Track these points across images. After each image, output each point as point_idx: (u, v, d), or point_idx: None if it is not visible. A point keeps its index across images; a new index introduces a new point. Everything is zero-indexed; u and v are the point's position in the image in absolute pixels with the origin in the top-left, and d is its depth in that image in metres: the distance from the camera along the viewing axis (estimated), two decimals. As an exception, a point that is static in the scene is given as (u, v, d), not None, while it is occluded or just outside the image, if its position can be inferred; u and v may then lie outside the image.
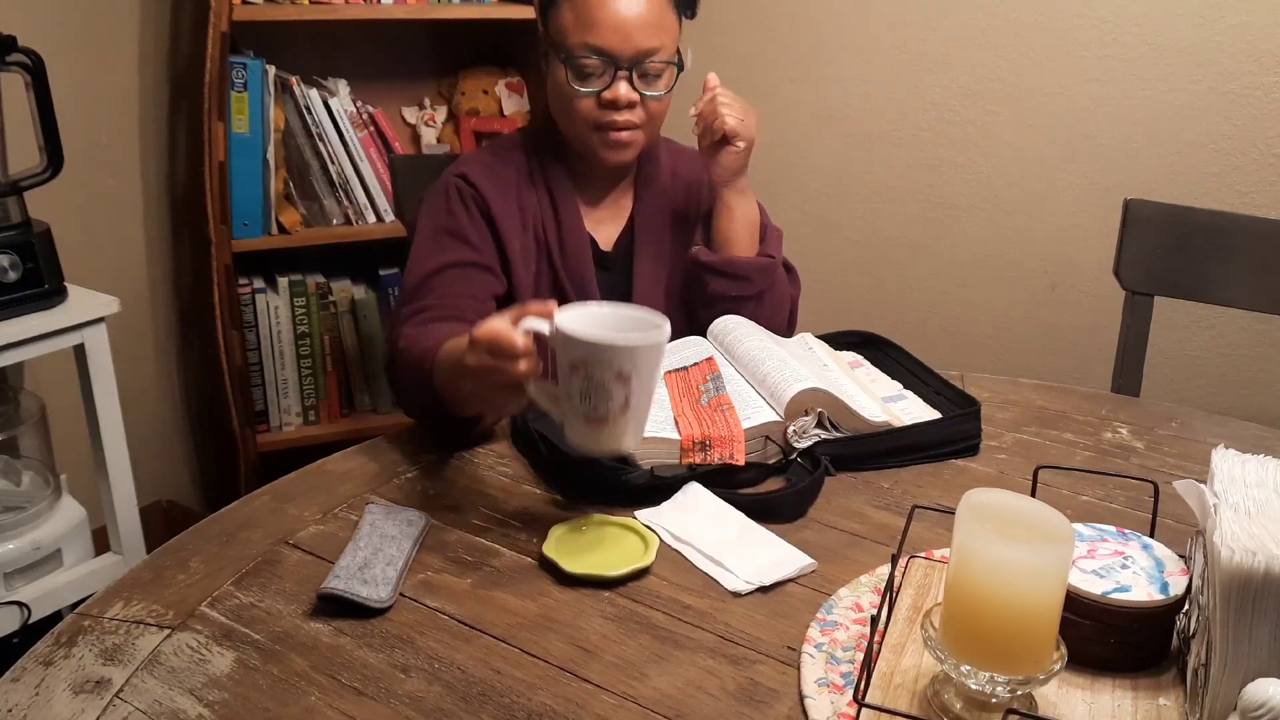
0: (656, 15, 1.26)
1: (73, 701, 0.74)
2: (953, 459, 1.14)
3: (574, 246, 1.34)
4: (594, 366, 0.86)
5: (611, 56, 1.25)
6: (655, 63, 1.27)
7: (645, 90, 1.28)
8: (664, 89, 1.30)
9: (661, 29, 1.27)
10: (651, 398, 0.91)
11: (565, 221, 1.35)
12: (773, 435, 1.09)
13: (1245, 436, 1.22)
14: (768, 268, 1.35)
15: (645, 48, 1.26)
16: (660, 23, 1.27)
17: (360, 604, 0.84)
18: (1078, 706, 0.74)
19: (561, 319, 0.89)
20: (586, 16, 1.25)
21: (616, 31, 1.24)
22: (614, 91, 1.26)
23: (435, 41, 2.34)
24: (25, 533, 1.68)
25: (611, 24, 1.24)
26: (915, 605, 0.85)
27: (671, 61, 1.29)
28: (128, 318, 1.90)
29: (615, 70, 1.26)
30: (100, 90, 2.04)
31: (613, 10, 1.24)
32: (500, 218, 1.31)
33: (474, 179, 1.32)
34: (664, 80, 1.30)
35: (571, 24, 1.26)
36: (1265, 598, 0.66)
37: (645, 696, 0.76)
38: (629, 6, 1.25)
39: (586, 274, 1.34)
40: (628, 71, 1.26)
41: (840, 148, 2.17)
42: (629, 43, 1.25)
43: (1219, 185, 1.79)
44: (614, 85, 1.26)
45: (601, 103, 1.27)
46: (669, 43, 1.28)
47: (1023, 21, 1.91)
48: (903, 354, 1.32)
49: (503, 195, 1.33)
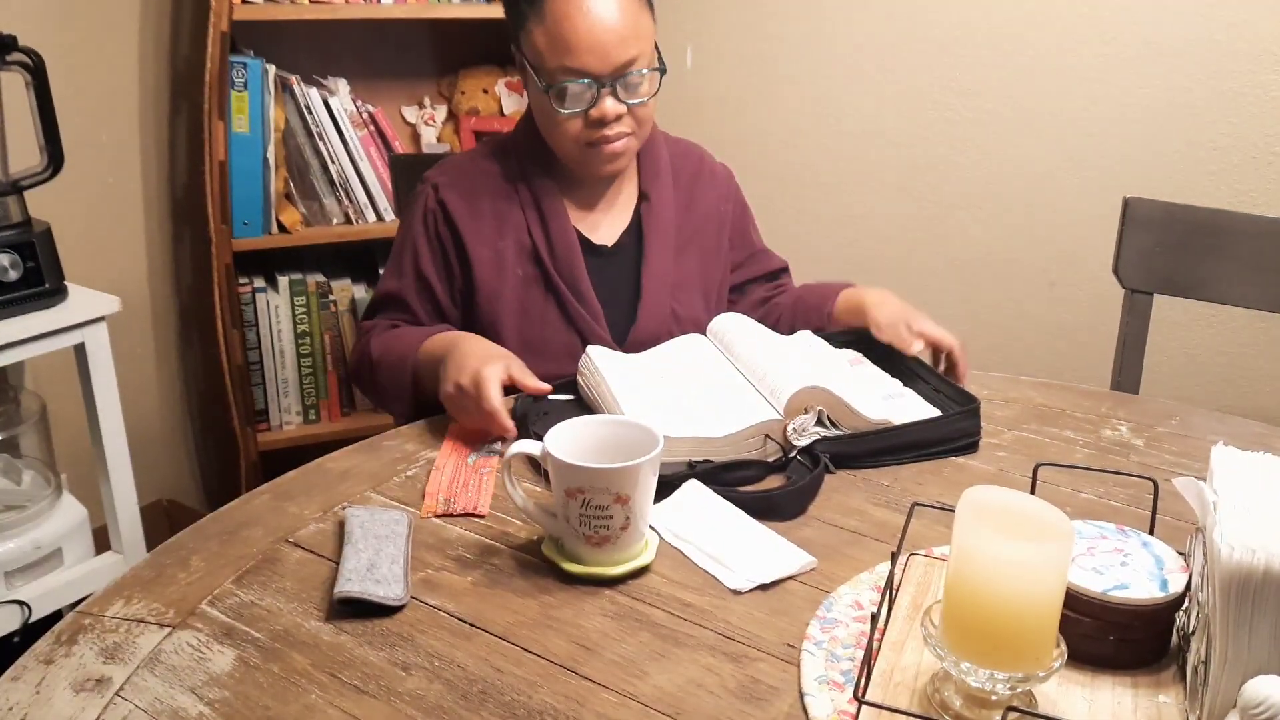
0: (630, 25, 1.22)
1: (73, 700, 0.74)
2: (952, 456, 1.14)
3: (563, 247, 1.33)
4: (594, 493, 0.87)
5: (593, 77, 1.22)
6: (637, 73, 1.24)
7: (631, 100, 1.25)
8: (649, 94, 1.27)
9: (638, 36, 1.23)
10: (650, 505, 0.91)
11: (551, 222, 1.33)
12: (772, 433, 1.09)
13: (1245, 434, 1.22)
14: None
15: (625, 60, 1.22)
16: (635, 31, 1.23)
17: (379, 604, 0.84)
18: (1078, 704, 0.74)
19: (553, 445, 0.90)
20: (561, 40, 1.21)
21: (593, 51, 1.21)
22: (600, 109, 1.24)
23: (435, 41, 2.34)
24: (26, 532, 1.68)
25: (587, 45, 1.20)
26: (915, 603, 0.85)
27: (653, 68, 1.27)
28: (128, 317, 1.90)
29: (598, 89, 1.23)
30: (100, 90, 2.04)
31: (586, 31, 1.20)
32: (468, 234, 1.31)
33: (444, 193, 1.33)
34: (647, 86, 1.27)
35: (546, 47, 1.22)
36: (1265, 595, 0.66)
37: (645, 694, 0.76)
38: (602, 23, 1.20)
39: (577, 272, 1.33)
40: (611, 87, 1.23)
41: (840, 147, 2.17)
42: (608, 60, 1.21)
43: (1218, 184, 1.79)
44: (599, 103, 1.24)
45: (589, 121, 1.25)
46: (647, 48, 1.25)
47: (1023, 21, 1.91)
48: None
49: (473, 207, 1.32)
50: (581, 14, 1.20)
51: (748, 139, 2.24)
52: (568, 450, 0.89)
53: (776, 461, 1.09)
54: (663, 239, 1.38)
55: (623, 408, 1.10)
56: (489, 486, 1.05)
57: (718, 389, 1.18)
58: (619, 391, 1.13)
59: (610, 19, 1.21)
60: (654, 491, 0.91)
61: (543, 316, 1.32)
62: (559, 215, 1.34)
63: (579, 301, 1.32)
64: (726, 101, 2.25)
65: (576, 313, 1.32)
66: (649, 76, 1.26)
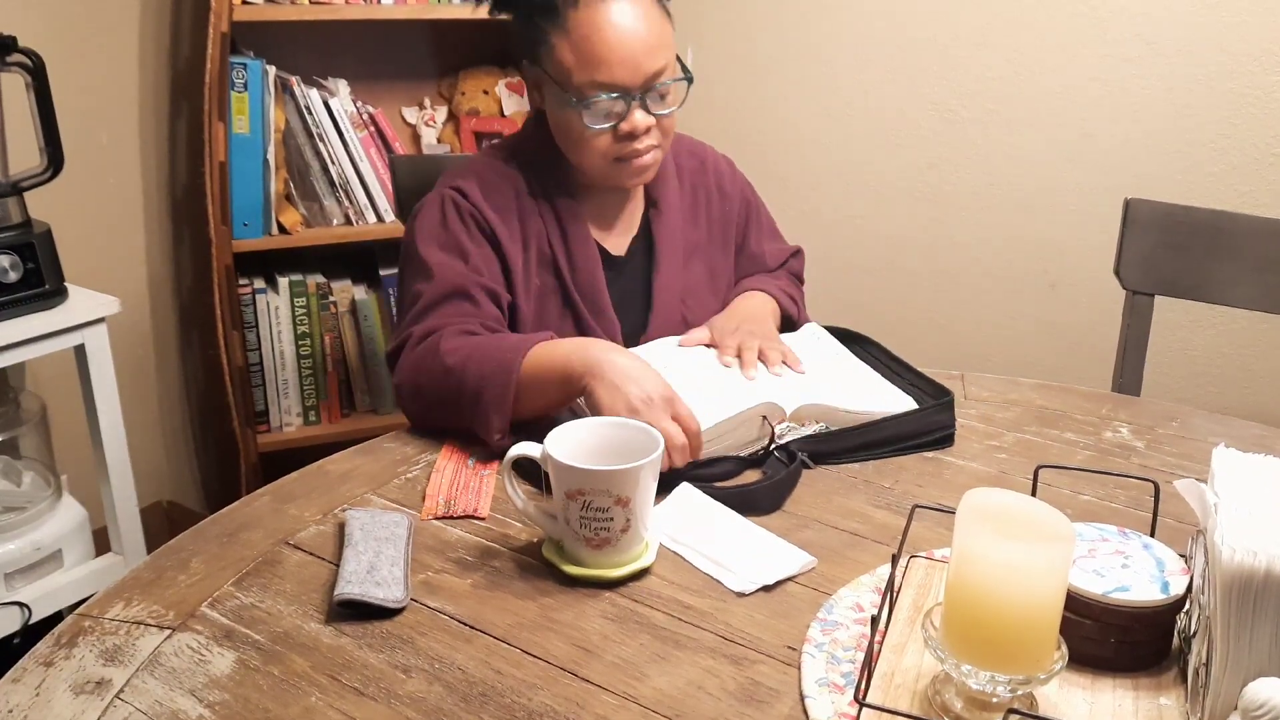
0: (657, 34, 1.20)
1: (73, 702, 0.74)
2: (928, 450, 1.15)
3: (583, 260, 1.30)
4: (594, 495, 0.87)
5: (623, 90, 1.19)
6: (665, 84, 1.22)
7: (659, 111, 1.23)
8: (675, 104, 1.25)
9: (664, 46, 1.21)
10: (651, 508, 0.91)
11: (571, 233, 1.30)
12: (770, 415, 1.10)
13: (1246, 436, 1.22)
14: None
15: (654, 71, 1.20)
16: (661, 40, 1.21)
17: (379, 606, 0.84)
18: (1079, 706, 0.74)
19: (554, 446, 0.90)
20: (590, 54, 1.18)
21: (624, 65, 1.18)
22: (631, 123, 1.21)
23: (435, 41, 2.34)
24: (26, 533, 1.68)
25: (618, 58, 1.18)
26: (916, 605, 0.85)
27: (681, 78, 1.24)
28: (128, 318, 1.91)
29: (628, 101, 1.20)
30: (101, 91, 2.04)
31: (616, 43, 1.17)
32: (500, 232, 1.27)
33: (470, 194, 1.27)
34: (674, 95, 1.24)
35: (574, 63, 1.19)
36: (1266, 597, 0.66)
37: (645, 696, 0.76)
38: (632, 35, 1.18)
39: (597, 284, 1.30)
40: (640, 99, 1.21)
41: (840, 147, 2.17)
42: (639, 72, 1.19)
43: (1219, 185, 1.79)
44: (629, 116, 1.21)
45: (618, 135, 1.22)
46: (672, 57, 1.23)
47: (1023, 21, 1.91)
48: (879, 348, 1.33)
49: (501, 212, 1.28)
50: (611, 26, 1.17)
51: (747, 139, 2.24)
52: (568, 452, 0.89)
53: (751, 456, 1.10)
54: (672, 247, 1.36)
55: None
56: (489, 489, 1.05)
57: (712, 376, 1.18)
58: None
59: (638, 30, 1.18)
60: (654, 493, 0.91)
61: (559, 329, 1.28)
62: (580, 228, 1.30)
63: (596, 317, 1.30)
64: (727, 102, 2.25)
65: (593, 328, 1.29)
66: (676, 86, 1.24)
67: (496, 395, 1.09)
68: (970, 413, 1.25)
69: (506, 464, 0.93)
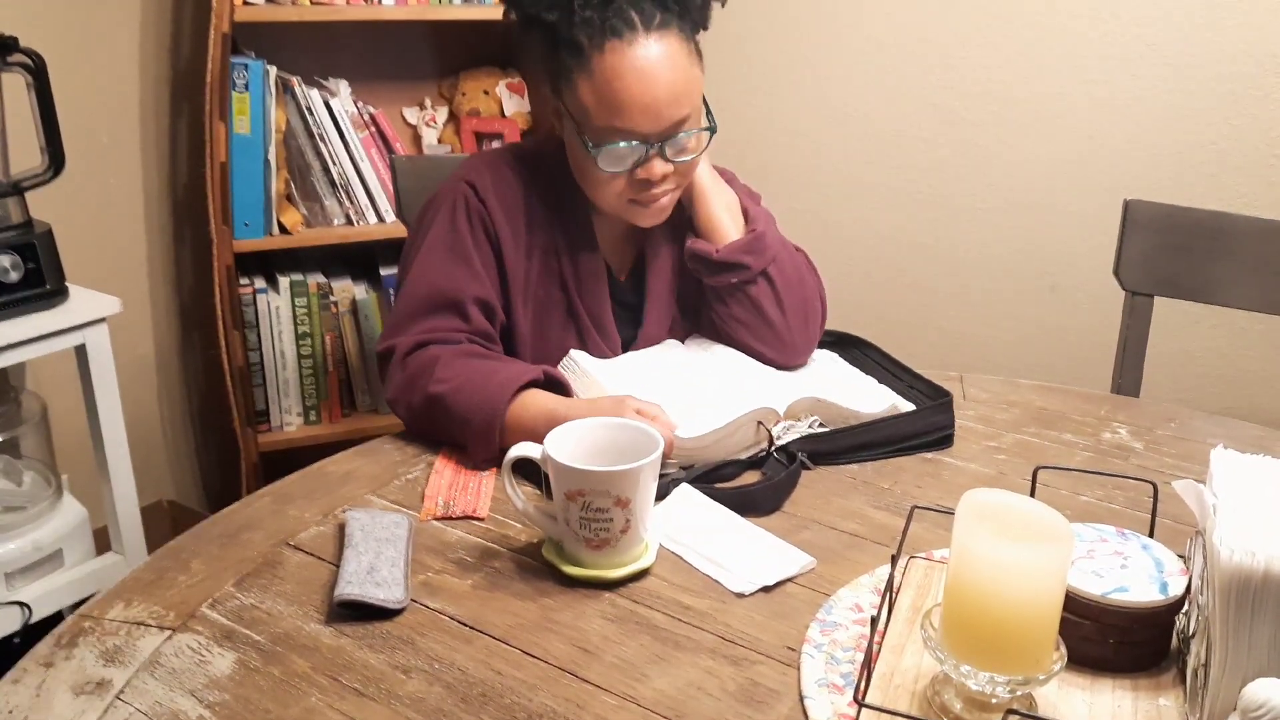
0: (684, 82, 1.13)
1: (73, 703, 0.74)
2: (927, 451, 1.15)
3: (591, 281, 1.27)
4: (594, 495, 0.87)
5: (641, 138, 1.14)
6: (687, 134, 1.16)
7: (679, 159, 1.17)
8: (696, 151, 1.19)
9: (690, 94, 1.15)
10: (651, 509, 0.91)
11: (582, 251, 1.27)
12: (765, 420, 1.10)
13: (1244, 437, 1.22)
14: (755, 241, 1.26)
15: (676, 120, 1.14)
16: (688, 88, 1.14)
17: (379, 607, 0.84)
18: (1078, 706, 0.74)
19: (553, 447, 0.90)
20: (611, 99, 1.12)
21: (646, 113, 1.12)
22: (648, 170, 1.16)
23: (436, 42, 2.34)
24: (26, 533, 1.68)
25: (640, 106, 1.11)
26: (915, 605, 0.85)
27: (704, 128, 1.19)
28: (129, 318, 1.91)
29: (647, 149, 1.15)
30: (101, 91, 2.04)
31: (640, 92, 1.11)
32: (505, 240, 1.23)
33: (484, 194, 1.23)
34: (695, 143, 1.18)
35: (594, 105, 1.13)
36: (1265, 598, 0.66)
37: (645, 697, 0.76)
38: (657, 83, 1.11)
39: (602, 305, 1.28)
40: (659, 148, 1.15)
41: (840, 148, 2.17)
42: (660, 121, 1.13)
43: (1219, 185, 1.79)
44: (648, 164, 1.15)
45: (633, 180, 1.17)
46: (697, 104, 1.17)
47: (1023, 22, 1.91)
48: (877, 351, 1.33)
49: (510, 217, 1.24)
50: (635, 73, 1.11)
51: (747, 140, 2.24)
52: (567, 453, 0.90)
53: (751, 459, 1.10)
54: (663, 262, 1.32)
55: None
56: (488, 489, 1.05)
57: (708, 381, 1.19)
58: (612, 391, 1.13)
59: (665, 77, 1.12)
60: (654, 494, 0.91)
61: (560, 344, 1.26)
62: (590, 245, 1.27)
63: (599, 331, 1.28)
64: (727, 103, 2.25)
65: (596, 345, 1.28)
66: (698, 136, 1.18)
67: (481, 431, 1.08)
68: (969, 414, 1.25)
69: (506, 465, 0.93)
